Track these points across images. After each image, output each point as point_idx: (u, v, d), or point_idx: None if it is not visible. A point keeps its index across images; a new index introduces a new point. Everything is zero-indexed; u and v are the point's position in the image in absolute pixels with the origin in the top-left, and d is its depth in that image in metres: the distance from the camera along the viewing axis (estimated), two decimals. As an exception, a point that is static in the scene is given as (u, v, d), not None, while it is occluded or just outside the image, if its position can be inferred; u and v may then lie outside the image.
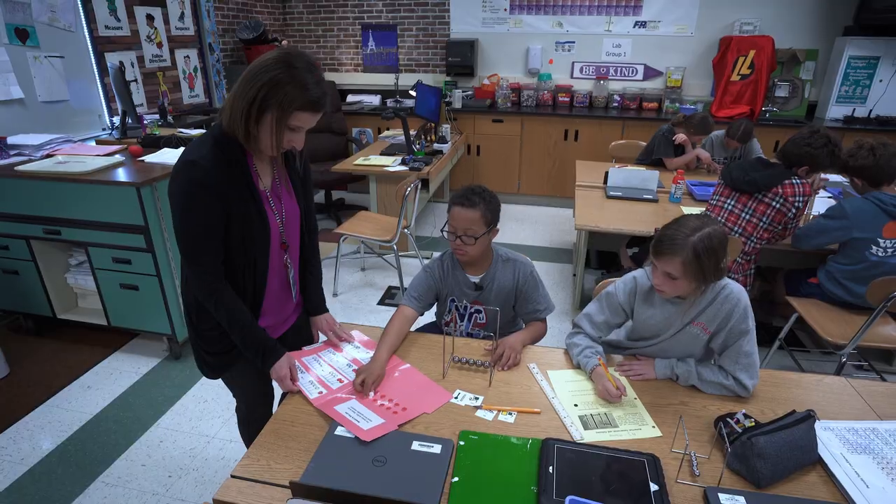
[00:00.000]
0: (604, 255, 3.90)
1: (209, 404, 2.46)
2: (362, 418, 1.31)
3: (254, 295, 1.43)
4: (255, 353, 1.41)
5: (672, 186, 3.17)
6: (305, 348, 1.63)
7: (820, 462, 1.20)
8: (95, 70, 3.67)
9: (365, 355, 1.58)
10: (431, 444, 1.22)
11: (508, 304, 1.77)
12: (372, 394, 1.41)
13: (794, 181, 2.34)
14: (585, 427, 1.31)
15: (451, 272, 1.78)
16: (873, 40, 4.54)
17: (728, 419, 1.27)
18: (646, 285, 1.57)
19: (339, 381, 1.47)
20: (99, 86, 3.72)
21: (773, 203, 2.37)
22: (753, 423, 1.24)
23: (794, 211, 2.35)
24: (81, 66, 3.58)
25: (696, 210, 2.98)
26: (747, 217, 2.45)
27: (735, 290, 1.46)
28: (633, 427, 1.32)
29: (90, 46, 3.61)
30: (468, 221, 1.61)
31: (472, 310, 1.79)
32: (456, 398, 1.41)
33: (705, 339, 1.51)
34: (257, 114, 1.23)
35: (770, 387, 1.48)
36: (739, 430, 1.22)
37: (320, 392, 1.41)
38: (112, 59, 3.74)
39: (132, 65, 3.99)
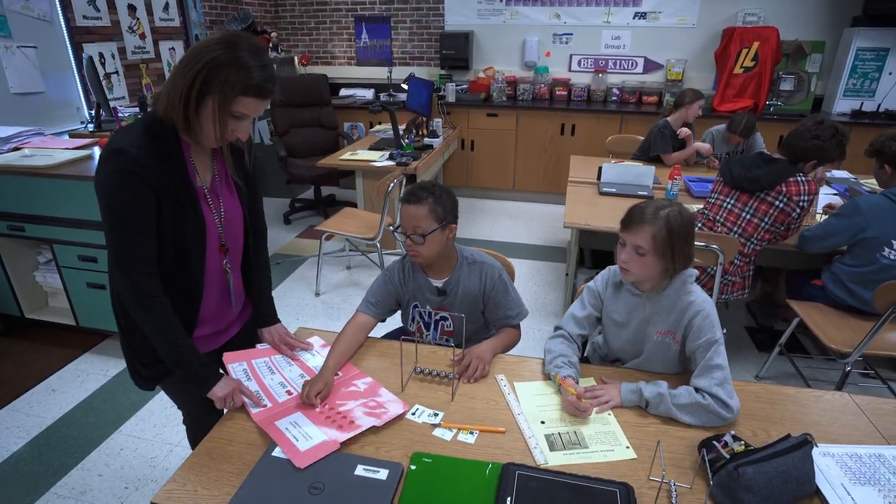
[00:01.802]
0: (598, 254, 3.75)
1: (174, 410, 2.32)
2: (302, 436, 1.18)
3: (189, 301, 1.30)
4: (188, 377, 1.27)
5: (668, 183, 3.02)
6: (259, 347, 1.50)
7: (818, 494, 1.07)
8: (72, 61, 3.55)
9: (320, 363, 1.45)
10: (377, 469, 1.09)
11: (476, 309, 1.64)
12: (324, 408, 1.28)
13: (798, 178, 2.18)
14: (551, 448, 1.17)
15: (411, 276, 1.65)
16: (883, 31, 4.36)
17: (714, 442, 1.13)
18: (616, 278, 1.50)
19: (288, 393, 1.34)
20: (76, 78, 3.60)
21: (777, 202, 2.21)
22: (743, 447, 1.11)
23: (798, 211, 2.20)
24: (58, 58, 3.46)
25: (694, 207, 2.84)
26: (748, 217, 2.29)
27: (699, 298, 1.37)
28: (605, 448, 1.18)
29: (67, 37, 3.49)
30: (415, 218, 1.48)
31: (438, 317, 1.66)
32: (413, 414, 1.28)
33: (676, 350, 1.41)
34: (197, 99, 1.11)
35: (764, 403, 1.34)
36: (726, 456, 1.08)
37: (264, 406, 1.29)
38: (90, 50, 3.63)
39: (113, 56, 3.87)
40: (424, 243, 1.49)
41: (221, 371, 1.33)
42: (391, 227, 3.26)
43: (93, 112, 3.53)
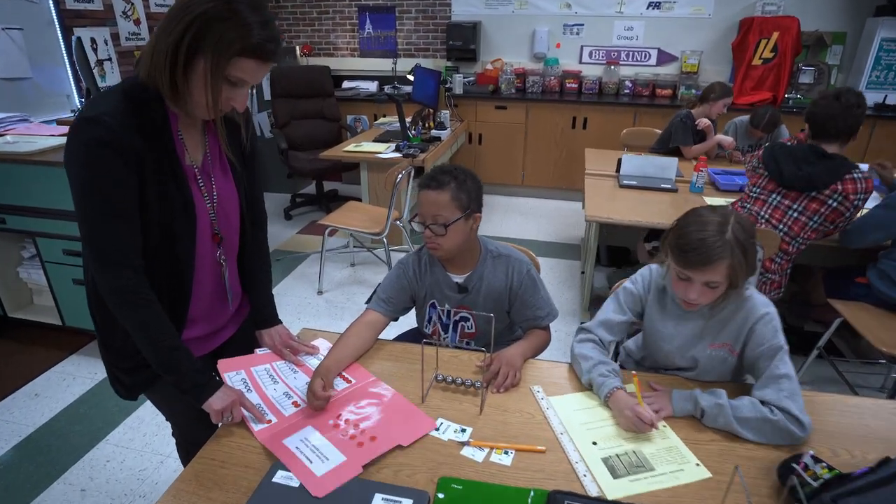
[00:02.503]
0: (614, 250, 3.58)
1: (167, 417, 2.16)
2: (318, 456, 1.00)
3: (178, 298, 1.13)
4: (180, 385, 1.10)
5: (693, 175, 2.85)
6: (258, 352, 1.33)
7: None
8: (62, 46, 3.37)
9: None
10: (399, 500, 0.91)
11: (501, 308, 1.46)
12: (339, 420, 1.11)
13: (855, 175, 1.98)
14: (613, 474, 0.99)
15: (428, 270, 1.47)
16: (909, 21, 4.19)
17: (794, 465, 0.96)
18: (660, 283, 1.32)
19: (295, 405, 1.16)
20: (67, 64, 3.43)
21: (830, 201, 2.02)
22: (827, 471, 0.93)
23: (852, 210, 2.01)
24: (46, 42, 3.28)
25: (721, 202, 2.67)
26: (795, 215, 2.10)
27: (759, 302, 1.21)
28: (674, 468, 1.01)
29: (56, 19, 3.31)
30: (436, 206, 1.31)
31: (458, 317, 1.48)
32: (437, 430, 1.10)
33: (733, 363, 1.26)
34: (186, 59, 0.94)
35: (838, 416, 1.16)
36: (813, 483, 0.91)
37: (268, 421, 1.11)
38: (82, 34, 3.45)
39: (106, 42, 3.69)
40: (446, 234, 1.32)
41: (218, 378, 1.15)
42: (399, 222, 3.08)
43: (83, 100, 3.35)
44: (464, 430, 1.10)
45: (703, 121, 3.44)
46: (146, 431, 2.08)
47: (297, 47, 5.33)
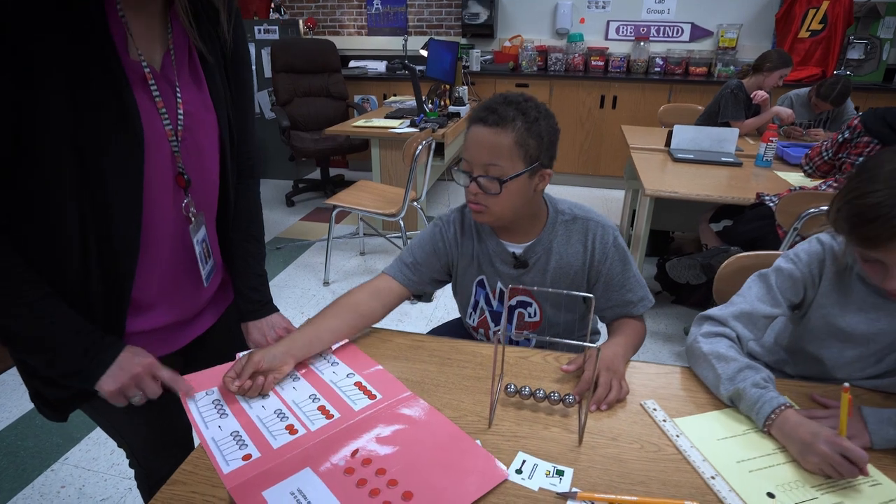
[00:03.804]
0: (652, 236, 3.17)
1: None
2: None
3: (113, 270, 0.74)
4: (55, 366, 0.74)
5: (761, 146, 2.45)
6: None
7: None
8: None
9: (345, 381, 0.88)
10: None
11: (575, 290, 1.07)
12: (354, 460, 0.71)
13: None
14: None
15: (474, 234, 1.08)
16: (977, -13, 3.78)
17: None
18: (839, 261, 0.91)
19: (290, 430, 0.77)
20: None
21: None
22: None
23: None
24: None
25: (795, 177, 2.27)
26: None
27: None
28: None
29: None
30: (491, 151, 0.92)
31: (515, 301, 1.09)
32: (519, 473, 0.71)
33: None
34: None
35: None
36: None
37: (246, 457, 0.72)
38: None
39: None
40: (500, 193, 0.93)
41: (114, 341, 0.78)
42: (416, 203, 2.69)
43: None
44: (561, 473, 0.71)
45: (759, 93, 3.04)
46: (113, 448, 1.69)
47: (301, 20, 4.95)
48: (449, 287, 1.20)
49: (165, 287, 0.82)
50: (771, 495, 0.68)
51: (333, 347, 0.96)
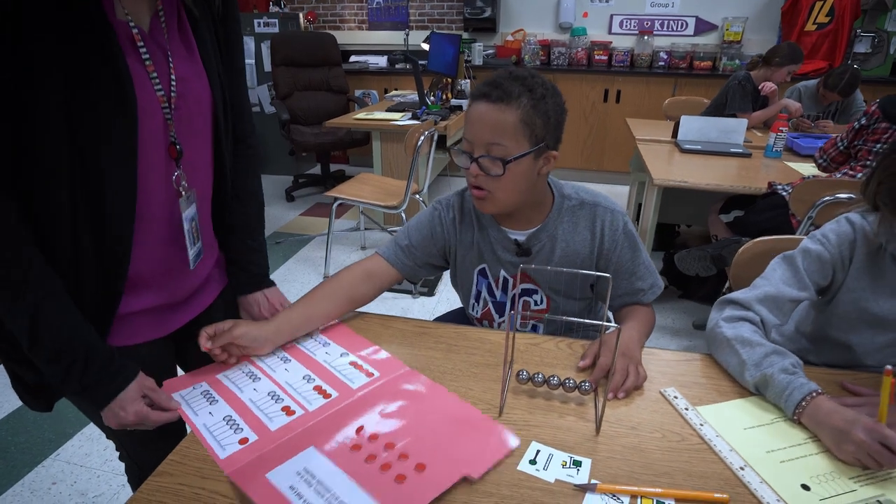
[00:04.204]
0: (658, 231, 3.12)
1: (136, 426, 1.72)
2: (328, 502, 0.57)
3: (107, 246, 0.70)
4: (57, 376, 0.70)
5: (771, 136, 2.40)
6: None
7: None
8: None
9: (339, 360, 0.84)
10: None
11: (580, 278, 1.01)
12: (360, 437, 0.67)
13: None
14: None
15: (474, 220, 1.03)
16: None
17: None
18: (870, 241, 0.85)
19: (287, 411, 0.72)
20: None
21: None
22: None
23: None
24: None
25: (807, 167, 2.22)
26: None
27: None
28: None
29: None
30: (494, 129, 0.86)
31: (519, 290, 1.04)
32: (532, 463, 0.66)
33: None
34: None
35: None
36: None
37: (243, 441, 0.67)
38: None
39: None
40: (503, 176, 0.87)
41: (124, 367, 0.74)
42: (419, 196, 2.64)
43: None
44: (577, 464, 0.65)
45: (767, 84, 2.99)
46: (107, 444, 1.64)
47: (301, 14, 4.90)
48: (450, 281, 1.15)
49: (157, 266, 0.77)
50: (806, 487, 0.63)
51: (321, 328, 0.92)
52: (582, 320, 0.70)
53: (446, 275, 1.13)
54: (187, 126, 0.74)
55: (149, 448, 0.88)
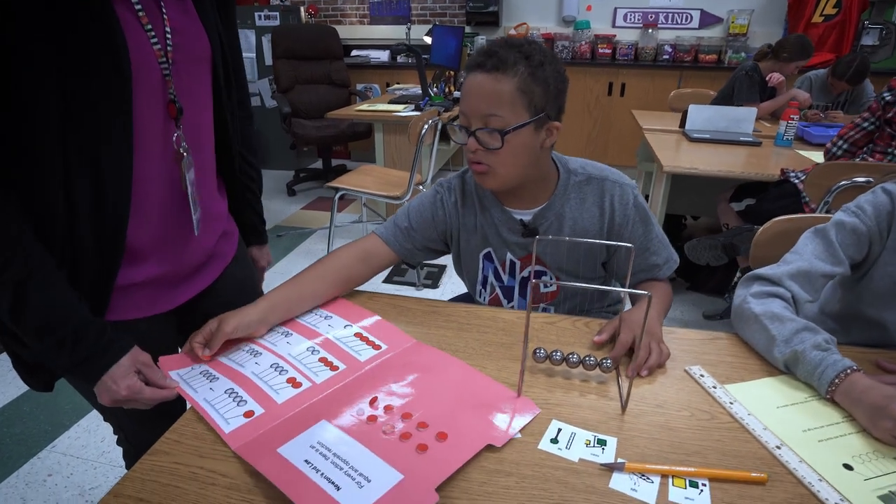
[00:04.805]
0: (665, 222, 3.08)
1: (135, 417, 1.68)
2: (348, 475, 0.54)
3: (104, 210, 0.66)
4: (54, 351, 0.66)
5: (781, 125, 2.36)
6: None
7: None
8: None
9: (343, 332, 0.80)
10: None
11: (592, 258, 0.97)
12: (375, 408, 0.63)
13: None
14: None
15: (477, 201, 0.98)
16: None
17: None
18: None
19: (293, 383, 0.68)
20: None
21: None
22: None
23: None
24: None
25: (815, 156, 2.18)
26: None
27: None
28: None
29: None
30: (490, 99, 0.81)
31: (527, 272, 0.99)
32: (554, 442, 0.61)
33: None
34: None
35: None
36: None
37: (248, 414, 0.63)
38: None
39: None
40: (501, 149, 0.82)
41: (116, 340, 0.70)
42: (422, 187, 2.59)
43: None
44: (602, 443, 0.61)
45: (775, 75, 2.95)
46: (104, 435, 1.60)
47: (302, 8, 4.87)
48: (455, 273, 1.11)
49: (157, 233, 0.73)
50: (848, 467, 0.58)
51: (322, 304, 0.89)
52: (601, 287, 0.65)
53: (450, 267, 1.09)
54: (187, 83, 0.70)
55: (147, 427, 0.84)
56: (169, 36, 0.66)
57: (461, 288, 1.12)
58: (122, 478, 0.58)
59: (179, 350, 0.84)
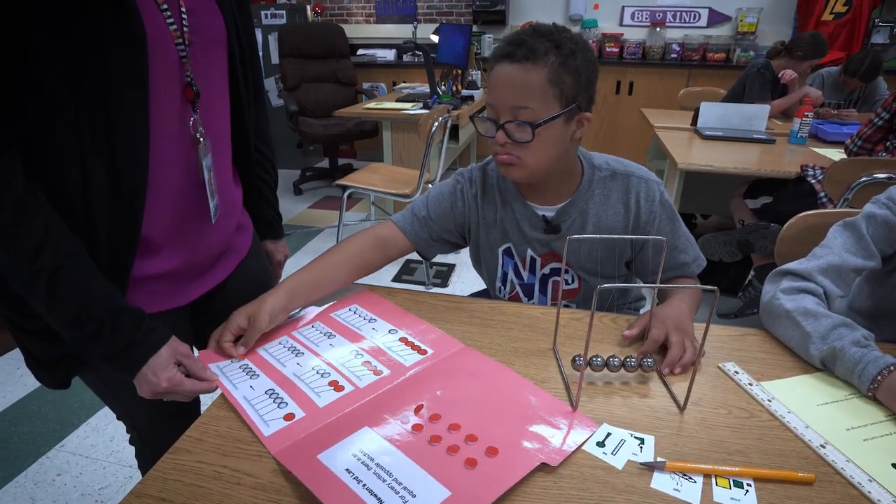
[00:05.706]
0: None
1: (144, 416, 1.67)
2: (392, 488, 0.52)
3: (121, 197, 0.64)
4: (91, 339, 0.63)
5: (795, 122, 2.33)
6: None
7: None
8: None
9: (388, 337, 0.78)
10: None
11: (614, 254, 0.94)
12: (421, 416, 0.61)
13: None
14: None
15: (497, 195, 0.96)
16: None
17: None
18: None
19: (335, 386, 0.66)
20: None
21: None
22: None
23: None
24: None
25: (833, 153, 2.15)
26: None
27: None
28: None
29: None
30: (520, 91, 0.78)
31: (548, 269, 0.97)
32: (601, 445, 0.59)
33: None
34: None
35: None
36: None
37: (288, 416, 0.61)
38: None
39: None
40: (532, 141, 0.79)
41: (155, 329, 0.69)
42: (430, 185, 2.57)
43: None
44: (641, 442, 0.59)
45: (787, 72, 2.92)
46: (113, 434, 1.58)
47: (309, 7, 4.86)
48: (469, 272, 1.09)
49: (172, 223, 0.71)
50: (898, 466, 0.56)
51: (364, 304, 0.87)
52: (628, 286, 0.63)
53: (459, 266, 1.07)
54: (203, 66, 0.68)
55: (164, 427, 0.82)
56: (184, 16, 0.64)
57: (471, 287, 1.10)
58: (144, 476, 0.56)
59: (193, 347, 0.82)
